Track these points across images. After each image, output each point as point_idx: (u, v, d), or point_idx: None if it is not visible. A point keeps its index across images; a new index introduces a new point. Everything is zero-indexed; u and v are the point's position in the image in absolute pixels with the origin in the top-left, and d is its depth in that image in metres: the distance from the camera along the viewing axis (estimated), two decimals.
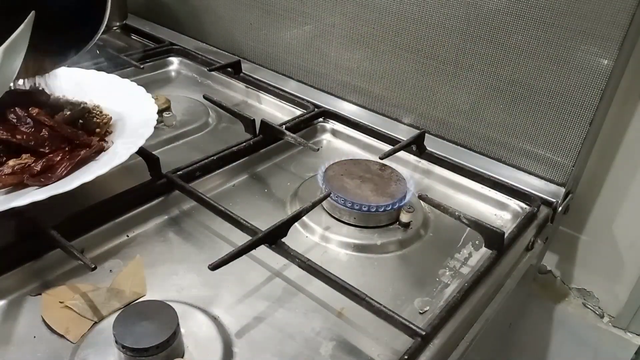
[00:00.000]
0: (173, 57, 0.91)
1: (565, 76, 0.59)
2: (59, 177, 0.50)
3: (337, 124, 0.76)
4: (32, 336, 0.42)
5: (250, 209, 0.58)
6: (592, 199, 0.69)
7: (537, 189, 0.64)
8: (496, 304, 0.52)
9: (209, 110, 0.76)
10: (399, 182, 0.60)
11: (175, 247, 0.53)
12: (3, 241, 0.47)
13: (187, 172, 0.59)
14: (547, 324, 0.77)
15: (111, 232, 0.53)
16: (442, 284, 0.51)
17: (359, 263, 0.53)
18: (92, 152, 0.54)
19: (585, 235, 0.71)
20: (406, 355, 0.41)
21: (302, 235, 0.56)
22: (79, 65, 0.68)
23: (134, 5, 1.02)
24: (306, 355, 0.43)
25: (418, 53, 0.69)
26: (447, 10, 0.65)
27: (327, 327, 0.45)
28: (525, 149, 0.65)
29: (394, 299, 0.49)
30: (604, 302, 0.73)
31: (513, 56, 0.62)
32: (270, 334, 0.44)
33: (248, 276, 0.50)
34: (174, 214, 0.57)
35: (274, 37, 0.85)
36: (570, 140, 0.61)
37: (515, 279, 0.56)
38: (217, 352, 0.41)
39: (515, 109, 0.64)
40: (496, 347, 0.74)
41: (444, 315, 0.45)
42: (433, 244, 0.57)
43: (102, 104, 0.64)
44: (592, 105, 0.59)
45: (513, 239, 0.55)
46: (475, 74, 0.65)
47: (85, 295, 0.45)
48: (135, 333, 0.37)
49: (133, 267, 0.49)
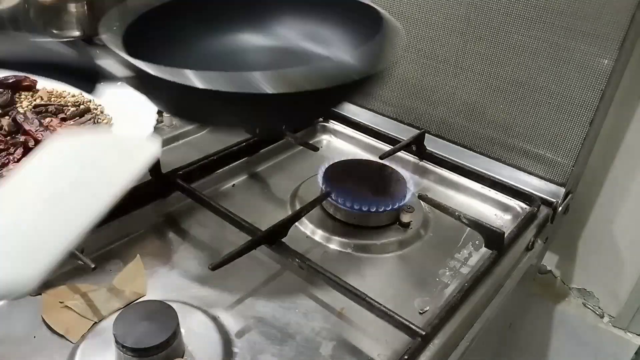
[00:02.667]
0: None
1: (565, 76, 0.59)
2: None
3: (337, 124, 0.76)
4: (32, 336, 0.42)
5: (250, 209, 0.58)
6: (592, 199, 0.69)
7: (537, 189, 0.64)
8: (496, 304, 0.52)
9: None
10: (399, 182, 0.60)
11: (175, 247, 0.53)
12: None
13: (187, 172, 0.59)
14: (547, 324, 0.77)
15: (111, 232, 0.53)
16: (442, 284, 0.51)
17: (359, 263, 0.53)
18: None
19: (585, 235, 0.71)
20: (406, 355, 0.41)
21: (302, 235, 0.56)
22: None
23: None
24: (306, 355, 0.43)
25: (418, 53, 0.69)
26: (447, 10, 0.65)
27: (327, 327, 0.45)
28: (525, 149, 0.65)
29: (394, 299, 0.49)
30: (604, 302, 0.73)
31: (513, 56, 0.62)
32: (270, 334, 0.44)
33: (248, 276, 0.50)
34: (174, 214, 0.57)
35: None
36: (570, 140, 0.61)
37: (515, 279, 0.56)
38: (217, 352, 0.41)
39: (515, 109, 0.64)
40: (496, 347, 0.74)
41: (444, 315, 0.45)
42: (433, 244, 0.57)
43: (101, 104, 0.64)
44: (592, 105, 0.59)
45: (513, 239, 0.55)
46: (475, 74, 0.65)
47: (86, 295, 0.45)
48: (135, 333, 0.37)
49: (133, 267, 0.49)
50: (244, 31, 0.54)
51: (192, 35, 0.52)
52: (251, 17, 0.55)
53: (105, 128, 0.59)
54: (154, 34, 0.49)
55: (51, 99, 0.64)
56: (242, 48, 0.54)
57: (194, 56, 0.52)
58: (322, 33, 0.53)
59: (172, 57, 0.48)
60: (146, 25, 0.48)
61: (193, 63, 0.46)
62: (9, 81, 0.64)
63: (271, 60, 0.54)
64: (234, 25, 0.54)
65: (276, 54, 0.54)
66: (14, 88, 0.64)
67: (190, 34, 0.52)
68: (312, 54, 0.53)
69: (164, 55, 0.47)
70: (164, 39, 0.50)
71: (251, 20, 0.55)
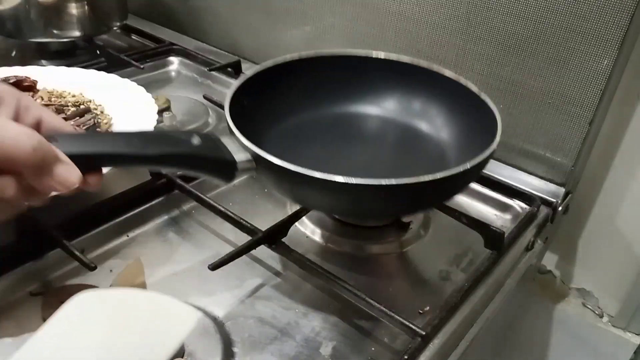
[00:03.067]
0: (173, 57, 0.90)
1: (565, 76, 0.59)
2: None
3: None
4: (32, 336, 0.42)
5: (250, 209, 0.58)
6: (592, 199, 0.69)
7: (537, 189, 0.64)
8: (496, 304, 0.52)
9: (209, 110, 0.76)
10: None
11: (175, 247, 0.53)
12: (3, 241, 0.48)
13: None
14: (546, 324, 0.77)
15: (111, 232, 0.53)
16: (442, 284, 0.51)
17: (358, 263, 0.53)
18: None
19: (585, 235, 0.71)
20: (406, 355, 0.41)
21: (302, 235, 0.56)
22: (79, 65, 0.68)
23: (134, 5, 1.02)
24: (306, 355, 0.43)
25: (418, 53, 0.69)
26: (447, 10, 0.65)
27: (327, 327, 0.45)
28: (525, 149, 0.65)
29: (394, 298, 0.49)
30: (604, 301, 0.73)
31: (513, 56, 0.62)
32: (270, 334, 0.44)
33: (248, 276, 0.50)
34: (174, 214, 0.57)
35: (274, 37, 0.85)
36: (570, 140, 0.61)
37: (515, 279, 0.56)
38: (217, 352, 0.42)
39: (515, 109, 0.64)
40: (496, 347, 0.74)
41: (444, 315, 0.45)
42: (433, 244, 0.57)
43: (102, 104, 0.64)
44: (591, 105, 0.59)
45: (513, 239, 0.55)
46: (475, 74, 0.65)
47: None
48: None
49: (133, 267, 0.49)
50: (356, 102, 0.62)
51: (302, 98, 0.59)
52: (364, 91, 0.61)
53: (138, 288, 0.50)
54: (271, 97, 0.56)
55: (51, 99, 0.64)
56: (354, 115, 0.61)
57: (307, 119, 0.59)
58: (429, 111, 0.59)
59: (288, 120, 0.58)
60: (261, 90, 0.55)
61: (308, 126, 0.58)
62: (9, 81, 0.64)
63: (380, 130, 0.60)
64: (345, 96, 0.61)
65: (384, 124, 0.61)
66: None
67: (302, 98, 0.59)
68: (416, 129, 0.59)
69: (281, 118, 0.57)
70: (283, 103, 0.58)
71: (363, 94, 0.61)
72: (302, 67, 0.58)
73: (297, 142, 0.57)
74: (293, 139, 0.57)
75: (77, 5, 0.82)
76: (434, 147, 0.57)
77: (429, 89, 0.58)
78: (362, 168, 0.55)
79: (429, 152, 0.57)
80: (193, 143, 0.41)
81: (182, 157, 0.40)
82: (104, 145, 0.36)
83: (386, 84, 0.60)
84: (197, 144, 0.40)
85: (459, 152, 0.55)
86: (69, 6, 0.81)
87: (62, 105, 0.62)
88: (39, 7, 0.80)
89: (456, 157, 0.55)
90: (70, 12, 0.82)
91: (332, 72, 0.59)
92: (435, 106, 0.59)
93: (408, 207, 0.49)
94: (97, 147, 0.36)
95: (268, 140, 0.53)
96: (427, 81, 0.58)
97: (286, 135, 0.57)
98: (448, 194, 0.49)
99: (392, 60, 0.59)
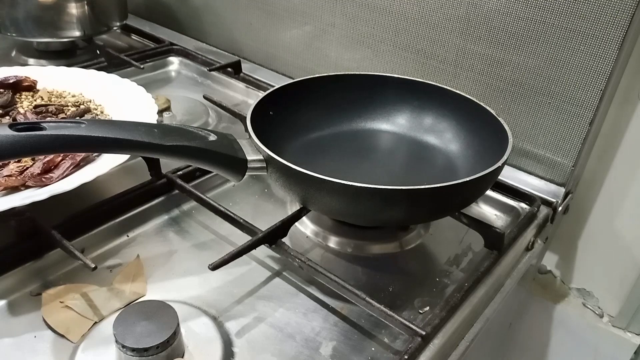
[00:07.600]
0: (173, 57, 0.91)
1: (565, 76, 0.59)
2: (59, 177, 0.50)
3: None
4: (32, 336, 0.42)
5: (250, 209, 0.58)
6: (592, 199, 0.69)
7: (537, 189, 0.64)
8: (496, 304, 0.52)
9: (209, 110, 0.76)
10: None
11: (175, 247, 0.53)
12: (3, 241, 0.48)
13: (187, 172, 0.59)
14: (546, 324, 0.77)
15: (111, 232, 0.53)
16: (442, 284, 0.51)
17: (359, 263, 0.53)
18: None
19: (585, 235, 0.71)
20: (406, 355, 0.41)
21: (302, 235, 0.56)
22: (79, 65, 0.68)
23: (134, 5, 1.02)
24: (306, 355, 0.43)
25: (418, 53, 0.69)
26: (447, 10, 0.65)
27: (327, 327, 0.45)
28: (525, 149, 0.65)
29: (394, 299, 0.49)
30: (604, 302, 0.73)
31: (513, 56, 0.62)
32: (270, 334, 0.44)
33: (248, 276, 0.50)
34: (174, 214, 0.57)
35: (274, 37, 0.85)
36: (570, 140, 0.61)
37: (515, 279, 0.56)
38: (217, 352, 0.42)
39: (515, 109, 0.64)
40: (496, 347, 0.74)
41: (444, 315, 0.45)
42: (433, 244, 0.57)
43: (102, 104, 0.64)
44: (592, 105, 0.59)
45: (513, 239, 0.56)
46: (475, 74, 0.65)
47: (86, 295, 0.45)
48: (135, 333, 0.37)
49: (133, 267, 0.49)
50: (372, 119, 0.66)
51: (322, 114, 0.63)
52: (376, 110, 0.65)
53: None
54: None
55: (51, 99, 0.64)
56: (369, 132, 0.65)
57: (325, 134, 0.64)
58: (438, 126, 0.63)
59: (307, 135, 0.62)
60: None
61: (326, 141, 0.63)
62: (9, 81, 0.64)
63: (392, 146, 0.64)
64: (361, 113, 0.65)
65: (398, 140, 0.64)
66: (14, 88, 0.64)
67: (322, 114, 0.63)
68: (428, 144, 0.63)
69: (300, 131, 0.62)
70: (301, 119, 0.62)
71: (376, 111, 0.65)
72: (325, 84, 0.63)
73: (314, 154, 0.61)
74: (311, 151, 0.61)
75: (77, 5, 0.82)
76: (444, 160, 0.61)
77: (441, 105, 0.62)
78: (372, 177, 0.58)
79: (439, 164, 0.61)
80: (209, 139, 0.44)
81: (196, 150, 0.43)
82: (126, 132, 0.41)
83: (402, 100, 0.64)
84: (212, 140, 0.44)
85: (469, 165, 0.59)
86: (69, 6, 0.81)
87: (62, 105, 0.62)
88: (39, 7, 0.80)
89: (466, 169, 0.58)
90: (70, 12, 0.82)
91: (353, 90, 0.64)
92: (446, 122, 0.62)
93: (406, 215, 0.50)
94: (121, 134, 0.40)
95: (287, 150, 0.58)
96: (438, 98, 0.62)
97: (305, 147, 0.61)
98: (456, 204, 0.51)
99: (407, 79, 0.63)
